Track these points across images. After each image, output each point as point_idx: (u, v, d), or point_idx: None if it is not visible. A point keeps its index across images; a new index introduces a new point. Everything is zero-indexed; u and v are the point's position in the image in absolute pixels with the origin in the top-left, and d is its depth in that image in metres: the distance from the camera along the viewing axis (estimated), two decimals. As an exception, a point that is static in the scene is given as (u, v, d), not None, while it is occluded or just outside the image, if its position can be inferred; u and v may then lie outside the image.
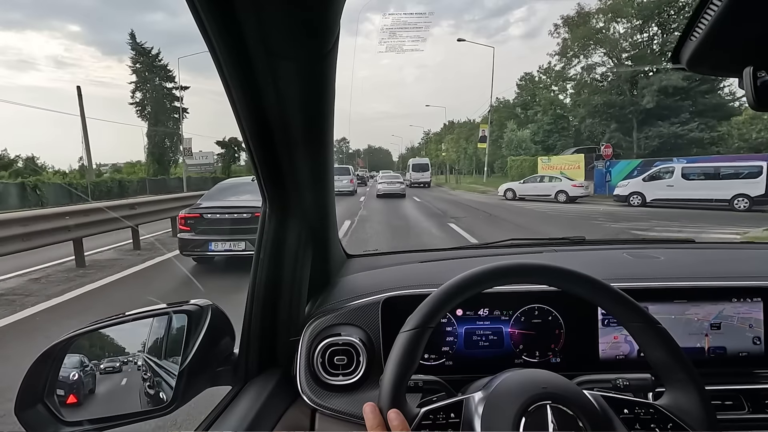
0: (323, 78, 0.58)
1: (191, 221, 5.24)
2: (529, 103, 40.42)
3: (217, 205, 5.36)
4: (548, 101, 37.57)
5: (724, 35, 0.40)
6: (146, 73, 36.80)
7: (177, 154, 34.47)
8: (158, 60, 37.19)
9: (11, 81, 75.75)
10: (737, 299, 0.83)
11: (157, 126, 36.47)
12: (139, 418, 0.65)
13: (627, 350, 0.82)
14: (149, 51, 37.18)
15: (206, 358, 0.70)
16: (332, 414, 0.75)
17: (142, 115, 36.80)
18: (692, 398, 0.52)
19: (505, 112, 40.98)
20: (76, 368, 0.66)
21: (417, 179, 29.73)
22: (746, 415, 0.75)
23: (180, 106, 36.81)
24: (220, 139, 39.96)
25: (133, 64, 36.87)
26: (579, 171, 21.26)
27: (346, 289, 0.96)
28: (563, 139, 36.73)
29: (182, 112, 36.71)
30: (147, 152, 36.89)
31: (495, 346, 0.83)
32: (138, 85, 36.95)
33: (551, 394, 0.51)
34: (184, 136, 35.33)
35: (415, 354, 0.54)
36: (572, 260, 1.13)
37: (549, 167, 23.27)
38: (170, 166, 38.04)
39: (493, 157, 39.89)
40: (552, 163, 23.49)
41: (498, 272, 0.58)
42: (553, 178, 18.43)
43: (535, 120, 37.98)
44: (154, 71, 36.84)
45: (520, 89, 42.48)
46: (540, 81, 41.53)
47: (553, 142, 36.87)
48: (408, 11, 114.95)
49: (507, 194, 19.14)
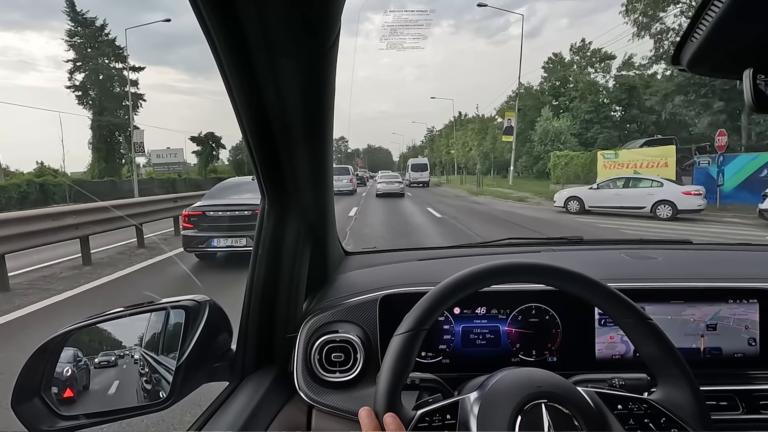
0: (323, 76, 0.58)
1: (194, 218, 5.44)
2: (559, 89, 33.43)
3: (219, 203, 5.57)
4: (587, 84, 30.40)
5: (724, 37, 0.40)
6: (88, 50, 29.12)
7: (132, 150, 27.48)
8: (104, 34, 29.31)
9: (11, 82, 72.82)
10: (734, 300, 0.83)
11: (104, 115, 29.12)
12: (135, 413, 0.65)
13: (623, 350, 0.82)
14: (92, 22, 29.18)
15: (203, 354, 0.69)
16: (329, 411, 0.75)
17: (84, 102, 29.30)
18: (684, 392, 0.53)
19: (529, 99, 33.54)
20: (69, 363, 0.66)
21: (416, 179, 30.04)
22: (740, 416, 0.75)
23: (129, 90, 28.83)
24: (195, 135, 32.98)
25: (70, 38, 28.85)
26: (668, 170, 14.40)
27: (344, 286, 0.97)
28: (606, 131, 29.78)
29: (131, 97, 28.54)
30: (92, 148, 29.87)
31: (492, 345, 0.83)
32: (77, 64, 29.01)
33: (547, 393, 0.51)
34: (136, 128, 27.89)
35: (409, 356, 0.54)
36: (570, 260, 1.12)
37: (616, 165, 16.34)
38: (121, 165, 31.16)
39: (516, 154, 33.33)
40: (621, 160, 16.58)
41: (492, 272, 0.58)
42: (652, 181, 11.51)
43: (570, 108, 30.78)
44: (97, 47, 29.11)
45: (547, 73, 35.16)
46: (572, 62, 34.14)
47: (593, 135, 29.79)
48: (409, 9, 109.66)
49: (569, 205, 12.86)
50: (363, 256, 1.24)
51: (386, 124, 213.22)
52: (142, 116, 69.67)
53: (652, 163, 15.20)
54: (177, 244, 6.72)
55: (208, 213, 5.46)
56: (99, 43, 29.52)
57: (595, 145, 26.62)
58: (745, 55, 0.42)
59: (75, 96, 29.66)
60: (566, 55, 34.61)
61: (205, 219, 5.45)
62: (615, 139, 28.86)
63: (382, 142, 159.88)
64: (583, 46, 33.35)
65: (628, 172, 14.70)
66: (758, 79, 0.41)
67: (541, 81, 35.80)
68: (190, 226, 5.46)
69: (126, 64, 30.09)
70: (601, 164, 17.01)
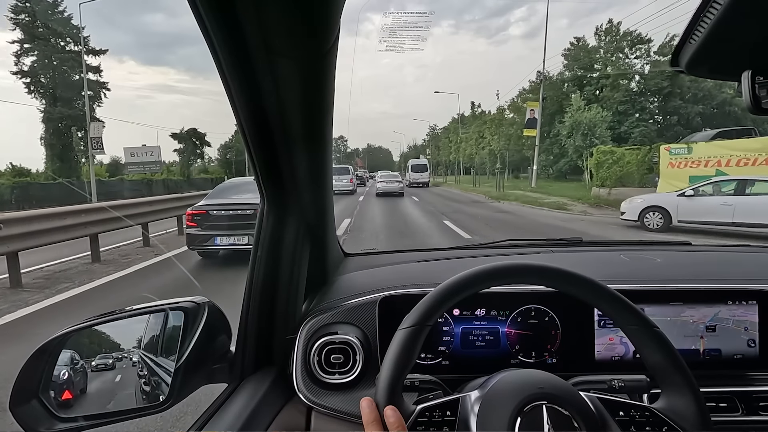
0: (323, 76, 0.58)
1: (198, 218, 5.62)
2: (583, 78, 29.06)
3: (222, 203, 5.71)
4: (619, 72, 26.27)
5: (723, 39, 0.40)
6: (38, 29, 24.93)
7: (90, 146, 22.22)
8: (57, 12, 24.92)
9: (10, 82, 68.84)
10: (733, 302, 0.83)
11: (57, 106, 25.03)
12: (134, 415, 0.65)
13: (622, 351, 0.82)
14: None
15: (202, 356, 0.69)
16: (328, 412, 0.75)
17: (35, 90, 25.07)
18: (688, 402, 0.52)
19: (549, 90, 28.03)
20: (67, 365, 0.66)
21: (416, 179, 29.92)
22: (739, 417, 0.75)
23: (85, 76, 23.60)
24: (177, 131, 29.13)
25: (15, 15, 24.19)
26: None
27: (344, 287, 0.96)
28: (642, 124, 26.11)
29: (88, 84, 23.38)
30: (44, 144, 25.67)
31: (491, 346, 0.82)
32: (24, 46, 24.68)
33: (547, 395, 0.51)
34: (96, 121, 23.31)
35: (412, 351, 0.54)
36: (569, 261, 1.12)
37: (689, 162, 12.28)
38: (80, 164, 26.99)
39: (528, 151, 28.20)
40: (695, 156, 12.41)
41: (498, 272, 0.58)
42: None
43: (600, 99, 26.71)
44: (48, 28, 24.83)
45: (568, 60, 30.85)
46: (598, 47, 30.03)
47: (627, 128, 26.05)
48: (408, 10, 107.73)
49: (648, 218, 9.00)
50: (362, 258, 1.23)
51: (386, 123, 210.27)
52: (110, 109, 59.62)
53: (746, 159, 11.05)
54: (179, 243, 6.89)
55: (211, 212, 5.58)
56: (52, 21, 25.38)
57: (630, 140, 23.26)
58: (743, 56, 0.42)
59: (23, 83, 25.60)
60: (591, 40, 30.60)
61: (209, 218, 5.57)
62: (653, 133, 25.59)
63: (382, 142, 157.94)
64: (610, 29, 29.19)
65: (709, 172, 11.16)
66: (756, 81, 0.41)
67: (562, 70, 31.62)
68: (193, 224, 5.65)
69: (83, 46, 25.57)
70: (665, 162, 12.96)
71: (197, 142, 31.37)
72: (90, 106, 23.91)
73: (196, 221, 5.62)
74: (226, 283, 4.44)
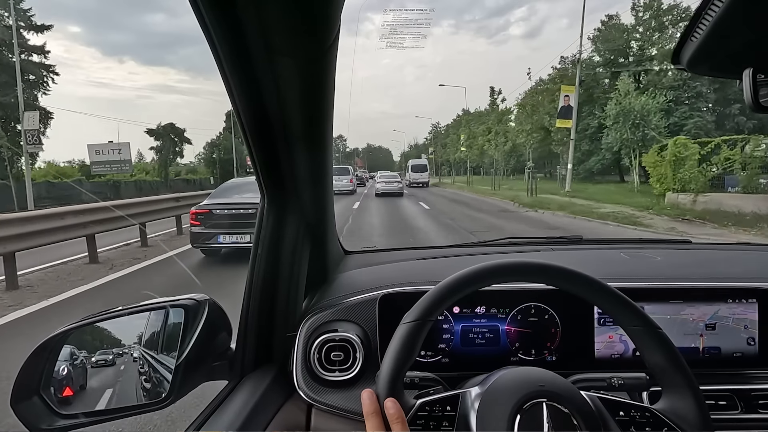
0: (323, 76, 0.58)
1: (201, 216, 5.79)
2: (614, 62, 24.75)
3: (225, 202, 5.89)
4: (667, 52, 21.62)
5: (724, 37, 0.40)
6: None
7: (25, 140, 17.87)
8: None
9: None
10: (733, 300, 0.83)
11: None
12: (135, 412, 0.65)
13: (622, 349, 0.82)
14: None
15: (203, 353, 0.70)
16: (328, 410, 0.76)
17: None
18: (689, 404, 0.52)
19: (574, 76, 21.36)
20: (68, 361, 0.66)
21: (416, 179, 29.80)
22: (739, 415, 0.75)
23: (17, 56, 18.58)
24: (153, 127, 28.37)
25: None
26: None
27: (344, 285, 0.96)
28: (697, 114, 21.75)
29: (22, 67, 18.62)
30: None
31: (491, 344, 0.82)
32: None
33: (547, 393, 0.51)
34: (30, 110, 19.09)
35: (414, 346, 0.54)
36: (570, 259, 1.11)
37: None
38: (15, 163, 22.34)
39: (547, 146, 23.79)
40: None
41: (501, 270, 0.58)
42: None
43: (644, 84, 22.45)
44: None
45: (597, 43, 26.45)
46: (636, 25, 25.62)
47: (678, 120, 21.31)
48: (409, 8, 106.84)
49: None
50: (362, 255, 1.24)
51: (386, 123, 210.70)
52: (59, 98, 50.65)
53: None
54: (179, 243, 7.22)
55: (214, 211, 5.76)
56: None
57: (682, 132, 19.40)
58: (744, 54, 0.42)
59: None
60: (625, 18, 26.25)
61: (212, 217, 5.75)
62: (710, 125, 21.72)
63: (382, 142, 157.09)
64: (650, 3, 24.66)
65: None
66: (758, 79, 0.41)
67: (591, 54, 26.83)
68: (197, 223, 5.81)
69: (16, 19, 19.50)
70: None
71: (176, 139, 28.06)
72: (32, 94, 19.89)
73: (199, 220, 5.80)
74: (227, 280, 4.47)
